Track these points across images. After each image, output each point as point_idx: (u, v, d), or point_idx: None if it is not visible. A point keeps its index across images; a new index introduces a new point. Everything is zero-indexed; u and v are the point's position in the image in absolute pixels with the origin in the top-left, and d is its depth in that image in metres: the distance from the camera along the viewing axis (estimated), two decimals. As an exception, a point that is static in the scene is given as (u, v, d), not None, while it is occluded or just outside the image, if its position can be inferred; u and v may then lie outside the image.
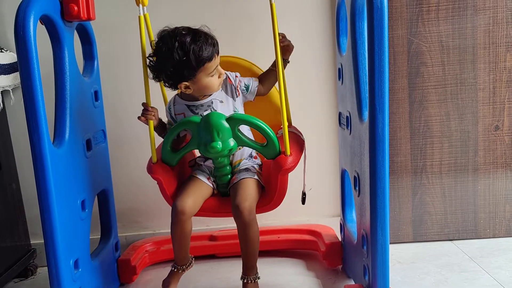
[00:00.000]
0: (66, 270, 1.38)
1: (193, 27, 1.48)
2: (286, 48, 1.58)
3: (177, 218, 1.49)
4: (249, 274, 1.55)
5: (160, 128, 1.60)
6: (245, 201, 1.47)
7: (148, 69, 1.51)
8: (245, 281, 1.55)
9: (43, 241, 1.35)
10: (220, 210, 1.58)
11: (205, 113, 1.54)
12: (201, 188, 1.57)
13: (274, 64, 1.58)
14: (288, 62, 1.62)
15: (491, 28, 1.83)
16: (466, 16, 1.82)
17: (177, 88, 1.51)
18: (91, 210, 1.59)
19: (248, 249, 1.51)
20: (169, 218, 1.51)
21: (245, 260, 1.55)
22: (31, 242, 1.96)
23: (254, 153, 1.65)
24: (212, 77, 1.49)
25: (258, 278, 1.56)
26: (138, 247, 1.91)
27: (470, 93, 1.87)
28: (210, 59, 1.45)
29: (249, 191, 1.51)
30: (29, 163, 1.32)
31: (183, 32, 1.44)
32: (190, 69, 1.44)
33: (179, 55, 1.42)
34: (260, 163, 1.66)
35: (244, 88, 1.59)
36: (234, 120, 1.47)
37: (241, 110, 1.60)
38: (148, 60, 1.50)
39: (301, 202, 1.68)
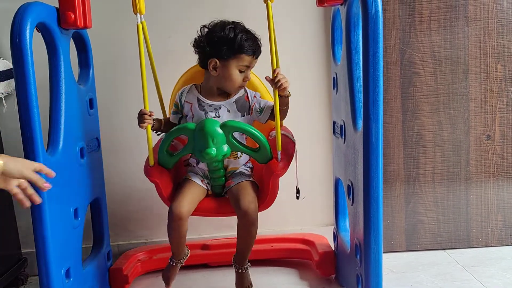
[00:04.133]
0: (58, 279, 1.37)
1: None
2: (280, 87, 1.49)
3: (175, 223, 1.52)
4: (243, 264, 1.60)
5: (165, 128, 1.63)
6: (251, 204, 1.52)
7: (195, 42, 1.57)
8: (240, 270, 1.60)
9: (34, 250, 1.34)
10: (218, 210, 1.62)
11: (209, 114, 1.59)
12: (196, 190, 1.60)
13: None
14: (289, 95, 1.55)
15: (482, 38, 1.85)
16: (457, 26, 1.84)
17: (206, 65, 1.56)
18: (84, 219, 1.58)
19: (247, 243, 1.58)
20: (161, 227, 1.52)
21: (241, 252, 1.59)
22: (22, 251, 1.94)
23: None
24: (239, 73, 1.55)
25: (249, 265, 1.62)
26: (130, 256, 1.89)
27: (462, 102, 1.89)
28: (250, 53, 1.53)
29: (250, 193, 1.56)
30: (22, 171, 1.30)
31: (241, 24, 1.56)
32: (229, 49, 1.52)
33: (228, 32, 1.52)
34: (252, 166, 1.70)
35: (258, 110, 1.62)
36: (228, 127, 1.51)
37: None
38: (199, 33, 1.58)
39: (295, 197, 1.67)
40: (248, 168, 1.67)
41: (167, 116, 1.71)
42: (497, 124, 1.90)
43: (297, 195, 1.67)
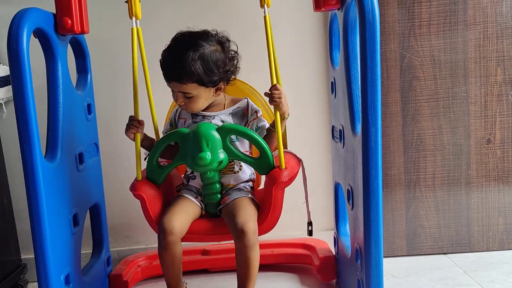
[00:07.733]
0: (57, 285, 1.36)
1: None
2: (276, 103, 1.45)
3: (166, 240, 1.41)
4: None
5: (148, 142, 1.57)
6: (249, 222, 1.39)
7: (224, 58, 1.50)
8: None
9: (33, 256, 1.34)
10: (211, 232, 1.50)
11: None
12: (189, 208, 1.49)
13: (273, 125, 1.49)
14: (287, 117, 1.48)
15: (482, 42, 1.85)
16: (457, 31, 1.84)
17: (215, 86, 1.48)
18: (83, 225, 1.57)
19: (249, 274, 1.42)
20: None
21: (243, 285, 1.44)
22: (21, 257, 1.93)
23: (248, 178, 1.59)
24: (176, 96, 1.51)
25: None
26: (130, 262, 1.89)
27: (462, 106, 1.88)
28: (166, 79, 1.49)
29: (248, 210, 1.44)
30: (21, 177, 1.31)
31: (186, 34, 1.52)
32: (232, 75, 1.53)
33: (163, 52, 1.48)
34: (253, 185, 1.61)
35: (254, 129, 1.53)
36: (225, 130, 1.42)
37: (240, 141, 1.54)
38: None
39: (307, 234, 1.59)
40: (247, 186, 1.57)
41: (157, 123, 1.63)
42: (497, 128, 1.89)
43: (309, 229, 1.55)
